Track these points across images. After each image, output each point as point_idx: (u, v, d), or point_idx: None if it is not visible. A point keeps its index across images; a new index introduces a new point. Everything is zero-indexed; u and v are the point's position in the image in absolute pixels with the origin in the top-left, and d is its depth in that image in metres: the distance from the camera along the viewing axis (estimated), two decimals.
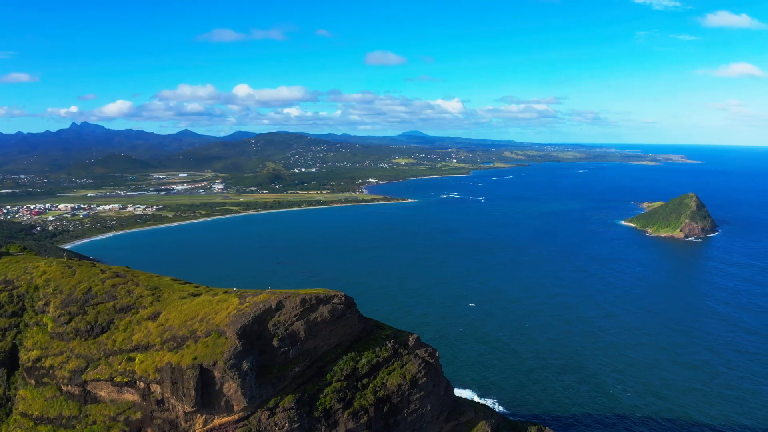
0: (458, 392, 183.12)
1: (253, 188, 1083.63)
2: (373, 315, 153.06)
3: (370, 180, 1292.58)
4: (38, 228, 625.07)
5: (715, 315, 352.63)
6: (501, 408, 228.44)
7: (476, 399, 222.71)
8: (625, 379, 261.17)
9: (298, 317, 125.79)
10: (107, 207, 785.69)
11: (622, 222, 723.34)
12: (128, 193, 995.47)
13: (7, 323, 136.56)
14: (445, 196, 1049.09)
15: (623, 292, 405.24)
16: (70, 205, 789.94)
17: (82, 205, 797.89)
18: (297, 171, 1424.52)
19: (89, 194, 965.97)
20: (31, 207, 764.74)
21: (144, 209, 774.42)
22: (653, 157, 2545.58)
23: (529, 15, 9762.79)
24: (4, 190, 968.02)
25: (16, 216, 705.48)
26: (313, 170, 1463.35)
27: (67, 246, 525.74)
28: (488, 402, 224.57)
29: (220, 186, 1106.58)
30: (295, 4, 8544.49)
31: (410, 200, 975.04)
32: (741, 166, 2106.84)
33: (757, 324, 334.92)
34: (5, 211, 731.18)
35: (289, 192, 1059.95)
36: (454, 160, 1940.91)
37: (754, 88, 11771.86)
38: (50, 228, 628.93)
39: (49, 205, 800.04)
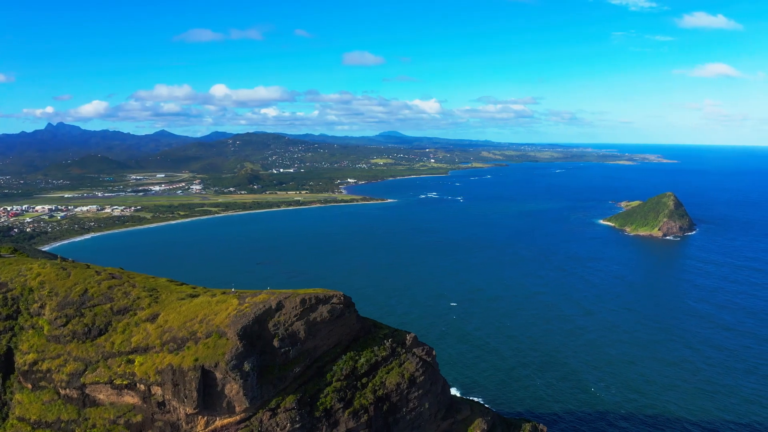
0: None
1: (231, 189, 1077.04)
2: None
3: (349, 180, 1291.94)
4: (16, 230, 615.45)
5: (694, 312, 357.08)
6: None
7: None
8: (606, 376, 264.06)
9: (298, 317, 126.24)
10: (85, 208, 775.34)
11: (601, 221, 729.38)
12: (106, 194, 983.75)
13: (1, 326, 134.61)
14: (424, 196, 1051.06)
15: (602, 290, 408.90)
16: (47, 207, 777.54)
17: (59, 207, 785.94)
18: (275, 171, 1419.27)
19: (66, 195, 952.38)
20: (8, 208, 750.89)
21: (122, 210, 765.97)
22: (630, 156, 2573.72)
23: (506, 15, 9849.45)
24: None
25: None
26: (291, 171, 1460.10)
27: (46, 248, 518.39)
28: None
29: (198, 187, 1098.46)
30: (274, 4, 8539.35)
31: (389, 200, 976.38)
32: (717, 166, 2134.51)
33: (734, 321, 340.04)
34: None
35: (267, 192, 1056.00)
36: (432, 160, 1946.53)
37: (730, 88, 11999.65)
38: (28, 230, 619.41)
39: (26, 206, 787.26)
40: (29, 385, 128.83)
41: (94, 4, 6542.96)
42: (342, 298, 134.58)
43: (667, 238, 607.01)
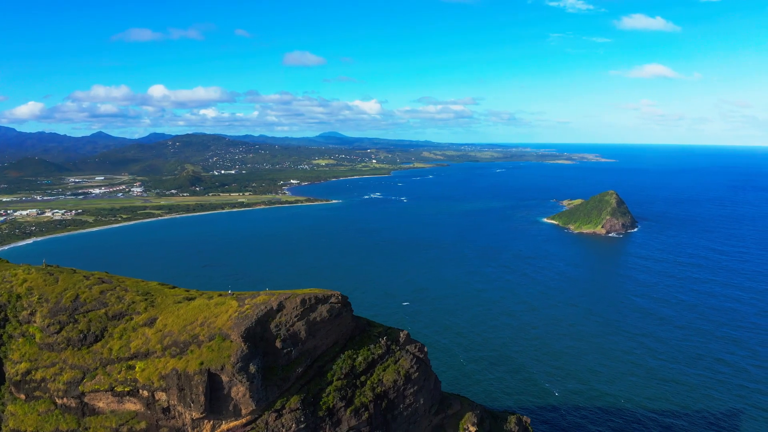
0: None
1: (173, 191, 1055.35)
2: None
3: (292, 181, 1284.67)
4: None
5: (637, 307, 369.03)
6: None
7: None
8: (555, 370, 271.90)
9: (299, 317, 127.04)
10: (25, 212, 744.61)
11: (545, 219, 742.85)
12: (45, 198, 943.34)
13: None
14: (367, 197, 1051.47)
15: (548, 287, 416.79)
16: None
17: None
18: (216, 173, 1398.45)
19: (4, 199, 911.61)
20: None
21: (63, 214, 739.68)
22: (569, 156, 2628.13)
23: (445, 16, 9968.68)
24: None
25: None
26: (233, 172, 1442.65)
27: None
28: None
29: (139, 189, 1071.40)
30: (214, 3, 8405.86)
31: (334, 201, 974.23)
32: (654, 164, 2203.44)
33: (674, 314, 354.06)
34: None
35: (210, 194, 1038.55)
36: (374, 161, 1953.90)
37: (666, 88, 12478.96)
38: None
39: None
40: (22, 396, 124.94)
41: (31, 3, 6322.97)
42: (340, 297, 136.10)
43: (611, 235, 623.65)
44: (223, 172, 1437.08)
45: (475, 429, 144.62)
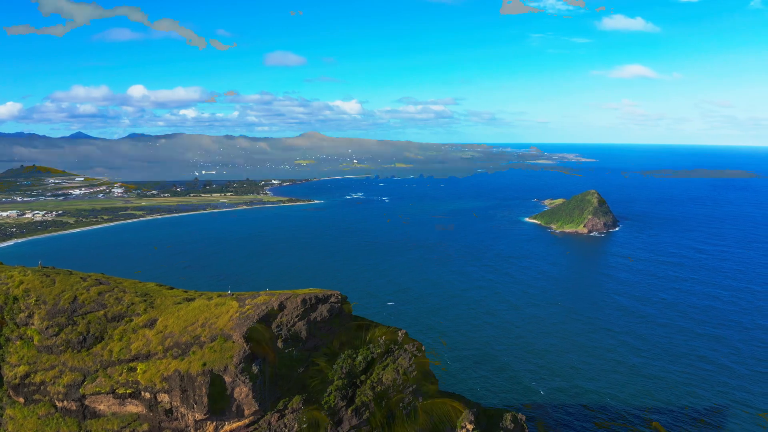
0: None
1: (154, 191, 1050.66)
2: None
3: (273, 182, 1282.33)
4: None
5: (618, 306, 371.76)
6: None
7: None
8: (538, 368, 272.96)
9: (300, 317, 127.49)
10: (5, 213, 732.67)
11: (527, 219, 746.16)
12: (25, 199, 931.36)
13: None
14: (349, 197, 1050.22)
15: (530, 287, 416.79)
16: None
17: None
18: (197, 173, 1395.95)
19: None
20: None
21: (43, 215, 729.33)
22: (549, 156, 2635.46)
23: (427, 16, 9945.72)
24: None
25: None
26: (213, 173, 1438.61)
27: None
28: None
29: (119, 190, 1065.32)
30: (195, 3, 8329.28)
31: (316, 201, 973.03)
32: (634, 164, 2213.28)
33: (656, 313, 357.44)
34: None
35: (191, 195, 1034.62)
36: (355, 161, 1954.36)
37: (647, 88, 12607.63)
38: None
39: None
40: (21, 399, 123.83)
41: (11, 3, 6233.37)
42: (339, 296, 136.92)
43: (593, 234, 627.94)
44: (204, 172, 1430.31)
45: (472, 427, 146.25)
